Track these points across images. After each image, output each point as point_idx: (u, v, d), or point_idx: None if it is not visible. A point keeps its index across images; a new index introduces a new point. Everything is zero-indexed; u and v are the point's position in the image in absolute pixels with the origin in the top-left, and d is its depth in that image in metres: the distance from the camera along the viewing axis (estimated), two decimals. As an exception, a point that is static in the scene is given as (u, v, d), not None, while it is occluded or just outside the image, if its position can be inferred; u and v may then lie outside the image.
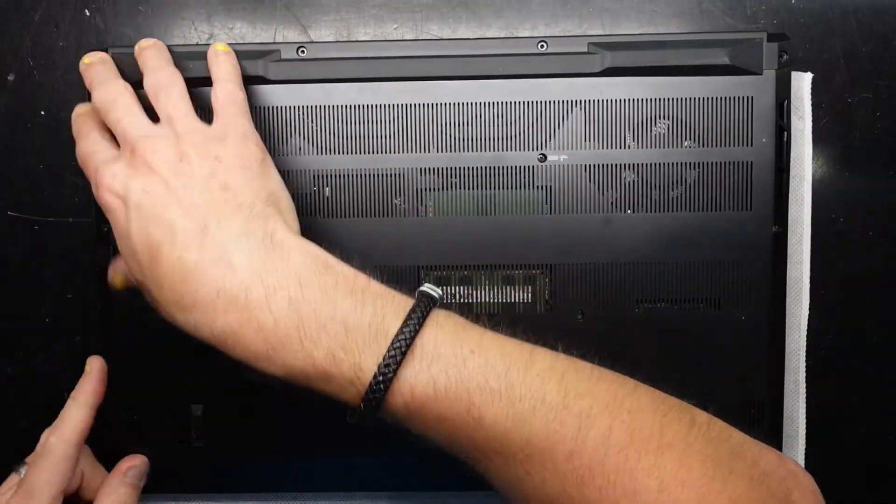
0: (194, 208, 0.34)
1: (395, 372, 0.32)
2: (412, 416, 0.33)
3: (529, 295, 0.44)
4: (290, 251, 0.34)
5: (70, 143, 0.46)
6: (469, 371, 0.32)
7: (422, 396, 0.32)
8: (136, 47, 0.41)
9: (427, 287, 0.35)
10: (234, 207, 0.35)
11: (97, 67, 0.40)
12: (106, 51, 0.43)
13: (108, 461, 0.45)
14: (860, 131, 0.47)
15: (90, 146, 0.38)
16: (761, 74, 0.43)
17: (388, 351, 0.32)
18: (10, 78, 0.47)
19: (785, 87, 0.43)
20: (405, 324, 0.33)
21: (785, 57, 0.43)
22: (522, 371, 0.33)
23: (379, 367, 0.32)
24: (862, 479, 0.49)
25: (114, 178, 0.36)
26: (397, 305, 0.34)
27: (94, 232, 0.44)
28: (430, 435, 0.33)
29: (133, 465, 0.42)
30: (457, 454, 0.34)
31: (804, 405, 0.47)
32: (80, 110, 0.41)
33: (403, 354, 0.32)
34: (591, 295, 0.44)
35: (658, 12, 0.47)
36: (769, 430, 0.44)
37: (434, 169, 0.43)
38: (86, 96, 0.44)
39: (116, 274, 0.41)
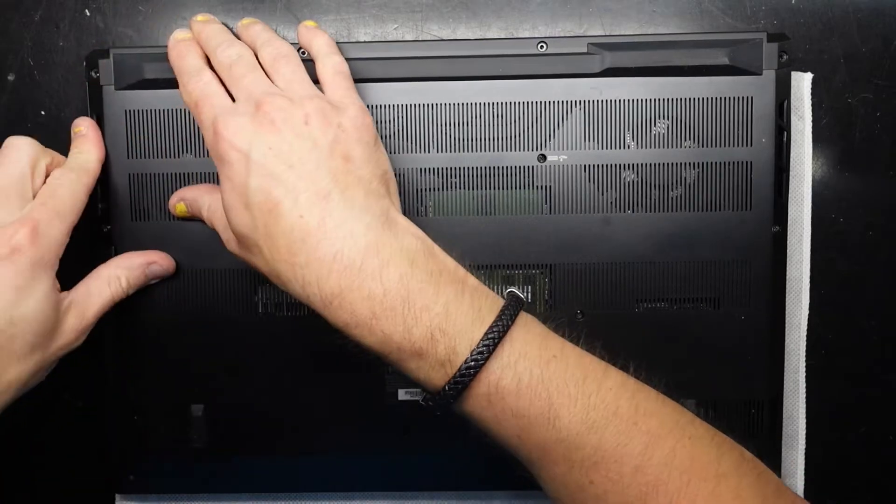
0: (318, 172, 0.35)
1: (486, 359, 0.33)
2: (491, 406, 0.34)
3: (529, 295, 0.44)
4: (403, 231, 0.35)
5: (69, 142, 0.46)
6: (551, 373, 0.34)
7: (505, 390, 0.33)
8: (240, 24, 0.42)
9: (514, 290, 0.37)
10: (355, 179, 0.35)
11: (213, 26, 0.41)
12: (107, 52, 0.43)
13: (109, 461, 0.45)
14: (860, 131, 0.47)
15: (206, 88, 0.38)
16: (761, 75, 0.43)
17: (483, 339, 0.33)
18: (10, 78, 0.47)
19: (785, 88, 0.43)
20: (499, 317, 0.34)
21: (785, 57, 0.43)
22: (598, 382, 0.34)
23: (472, 353, 0.33)
24: (862, 479, 0.49)
25: (237, 132, 0.35)
26: (492, 302, 0.35)
27: (96, 232, 0.44)
28: (501, 430, 0.34)
29: (159, 264, 0.43)
30: (518, 453, 0.35)
31: (804, 405, 0.47)
32: (180, 36, 0.41)
33: (496, 344, 0.33)
34: (591, 295, 0.44)
35: (658, 12, 0.47)
36: (769, 430, 0.44)
37: (434, 169, 0.43)
38: (86, 96, 0.44)
39: (182, 202, 0.42)
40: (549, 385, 0.33)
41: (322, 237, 0.34)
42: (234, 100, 0.38)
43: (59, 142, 0.47)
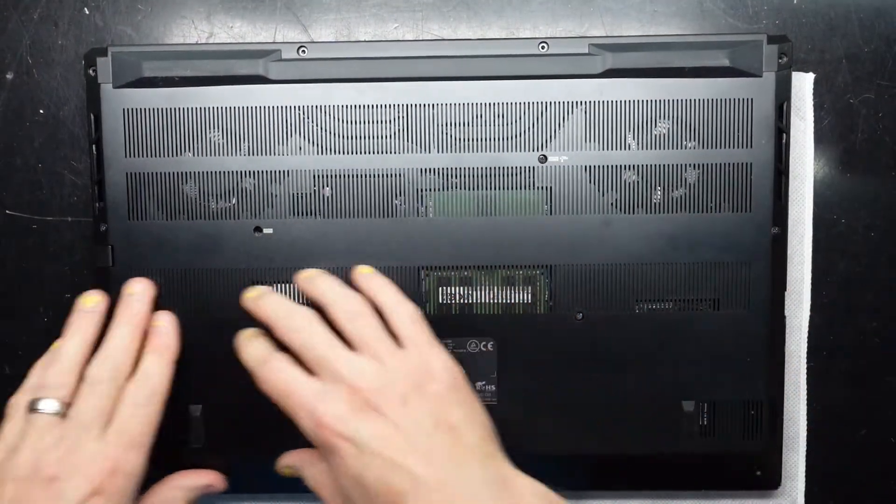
0: (431, 455, 0.34)
1: None
2: None
3: (529, 295, 0.44)
4: (521, 492, 0.35)
5: (69, 141, 0.46)
6: None
7: None
8: (300, 277, 0.41)
9: None
10: (466, 450, 0.35)
11: (271, 298, 0.40)
12: (106, 50, 0.43)
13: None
14: (862, 132, 0.47)
15: (283, 374, 0.37)
16: (761, 77, 0.42)
17: None
18: (9, 76, 0.47)
19: (785, 90, 0.43)
20: None
21: (785, 59, 0.42)
22: None
23: None
24: (863, 480, 0.49)
25: (339, 420, 0.35)
26: None
27: (92, 231, 0.44)
28: None
29: (213, 487, 0.43)
30: None
31: (805, 406, 0.47)
32: (247, 333, 0.40)
33: None
34: (592, 295, 0.44)
35: (659, 12, 0.46)
36: (769, 432, 0.44)
37: (434, 169, 0.43)
38: (86, 96, 0.44)
39: (289, 468, 0.41)
40: None
41: None
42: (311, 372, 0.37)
43: (57, 141, 0.47)
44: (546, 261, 0.43)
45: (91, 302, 0.41)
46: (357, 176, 0.43)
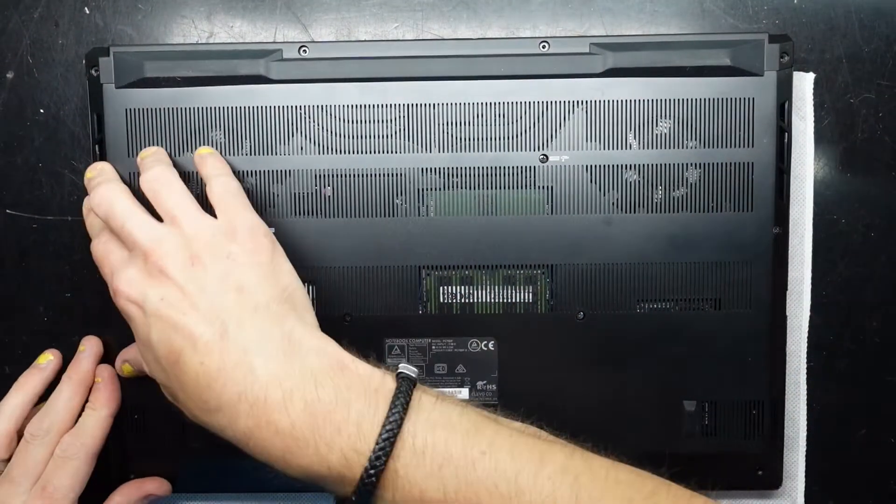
0: (211, 312, 0.34)
1: (384, 465, 0.31)
2: None
3: (530, 295, 0.44)
4: (307, 352, 0.34)
5: (69, 141, 0.46)
6: (478, 474, 0.32)
7: (431, 501, 0.32)
8: (138, 157, 0.42)
9: (407, 371, 0.35)
10: (251, 309, 0.35)
11: (96, 177, 0.41)
12: (108, 50, 0.43)
13: (108, 461, 0.45)
14: (862, 132, 0.47)
15: (103, 246, 0.39)
16: (762, 76, 0.43)
17: (377, 443, 0.32)
18: (10, 76, 0.47)
19: (786, 89, 0.43)
20: (389, 418, 0.32)
21: (786, 58, 0.43)
22: (533, 475, 0.32)
23: (370, 461, 0.31)
24: (863, 480, 0.49)
25: (129, 286, 0.36)
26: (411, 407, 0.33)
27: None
28: None
29: (154, 495, 0.45)
30: None
31: (805, 406, 0.47)
32: (87, 206, 0.41)
33: (388, 455, 0.31)
34: (592, 295, 0.44)
35: (659, 12, 0.46)
36: (769, 431, 0.44)
37: (435, 169, 0.43)
38: (85, 94, 0.44)
39: (126, 363, 0.43)
40: (478, 488, 0.31)
41: (225, 380, 0.33)
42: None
43: (57, 140, 0.47)
44: (547, 260, 0.43)
45: (44, 360, 0.45)
46: (358, 175, 0.43)
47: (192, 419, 0.35)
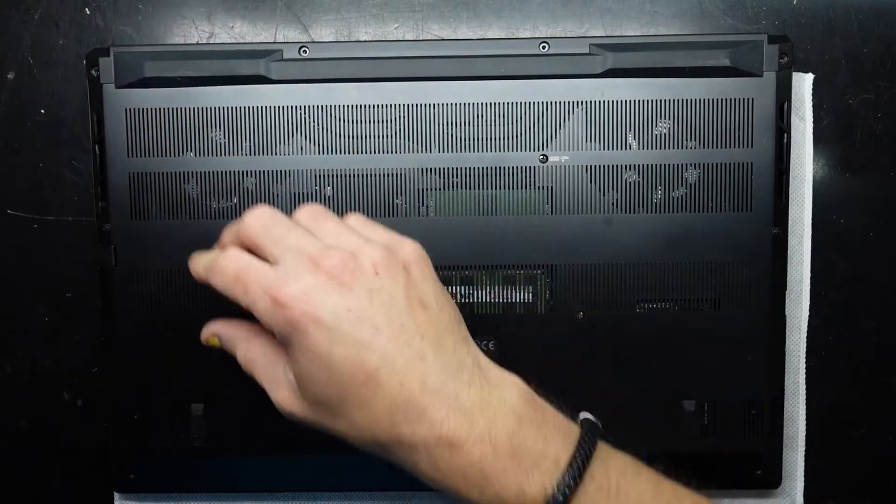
0: (405, 332, 0.32)
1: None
2: None
3: (530, 295, 0.44)
4: (501, 383, 0.33)
5: (70, 141, 0.46)
6: None
7: None
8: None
9: (590, 418, 0.35)
10: (439, 329, 0.33)
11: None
12: (108, 50, 0.43)
13: (107, 461, 0.45)
14: (861, 132, 0.47)
15: (243, 260, 0.33)
16: (762, 76, 0.43)
17: (564, 478, 0.31)
18: (10, 76, 0.47)
19: (785, 89, 0.43)
20: (574, 458, 0.32)
21: (785, 59, 0.43)
22: None
23: (558, 491, 0.31)
24: (863, 480, 0.49)
25: (304, 296, 0.31)
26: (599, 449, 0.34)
27: (94, 231, 0.44)
28: None
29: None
30: None
31: (804, 406, 0.47)
32: (196, 257, 0.37)
33: (574, 490, 0.31)
34: (592, 295, 0.44)
35: (659, 13, 0.47)
36: (769, 431, 0.44)
37: (435, 169, 0.43)
38: (86, 95, 0.44)
39: (214, 336, 0.38)
40: None
41: (427, 404, 0.31)
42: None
43: (58, 140, 0.47)
44: (547, 260, 0.43)
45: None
46: (358, 175, 0.43)
47: (347, 437, 0.33)
